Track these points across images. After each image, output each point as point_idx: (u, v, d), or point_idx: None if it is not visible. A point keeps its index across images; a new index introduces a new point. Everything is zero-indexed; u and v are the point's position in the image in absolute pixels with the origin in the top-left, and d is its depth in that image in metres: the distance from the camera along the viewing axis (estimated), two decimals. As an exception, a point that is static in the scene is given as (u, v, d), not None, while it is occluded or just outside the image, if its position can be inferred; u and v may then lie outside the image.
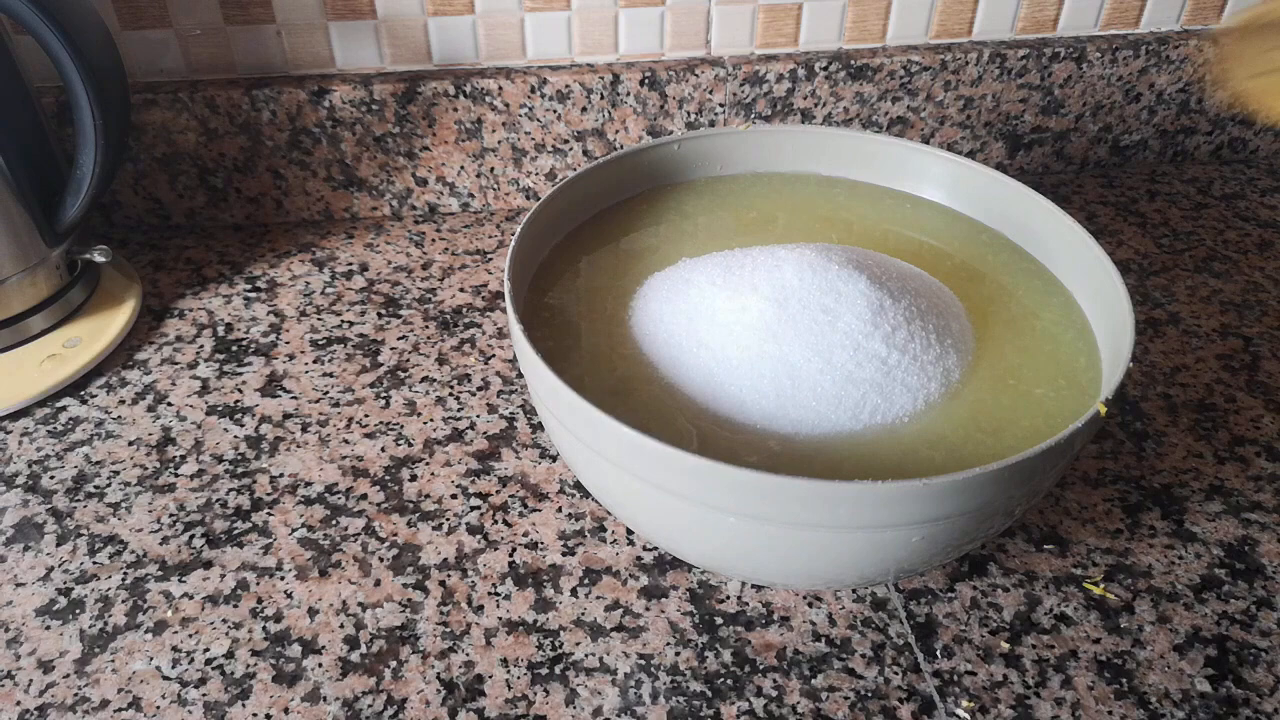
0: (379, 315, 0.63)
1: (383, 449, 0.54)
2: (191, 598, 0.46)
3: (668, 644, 0.44)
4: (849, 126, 0.73)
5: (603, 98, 0.69)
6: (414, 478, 0.52)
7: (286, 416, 0.56)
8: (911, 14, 0.70)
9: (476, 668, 0.43)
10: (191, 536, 0.49)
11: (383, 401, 0.57)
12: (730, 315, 0.44)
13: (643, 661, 0.43)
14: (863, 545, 0.38)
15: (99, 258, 0.61)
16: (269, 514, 0.50)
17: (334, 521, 0.50)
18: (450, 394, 0.57)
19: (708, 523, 0.39)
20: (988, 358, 0.46)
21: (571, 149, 0.71)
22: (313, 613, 0.45)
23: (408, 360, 0.60)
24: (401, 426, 0.55)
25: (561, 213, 0.52)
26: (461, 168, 0.71)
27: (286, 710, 0.42)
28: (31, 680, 0.43)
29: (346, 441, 0.54)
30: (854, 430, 0.42)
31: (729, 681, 0.43)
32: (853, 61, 0.70)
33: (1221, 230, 0.71)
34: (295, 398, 0.57)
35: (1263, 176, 0.77)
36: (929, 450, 0.41)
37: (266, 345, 0.61)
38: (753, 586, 0.46)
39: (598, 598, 0.46)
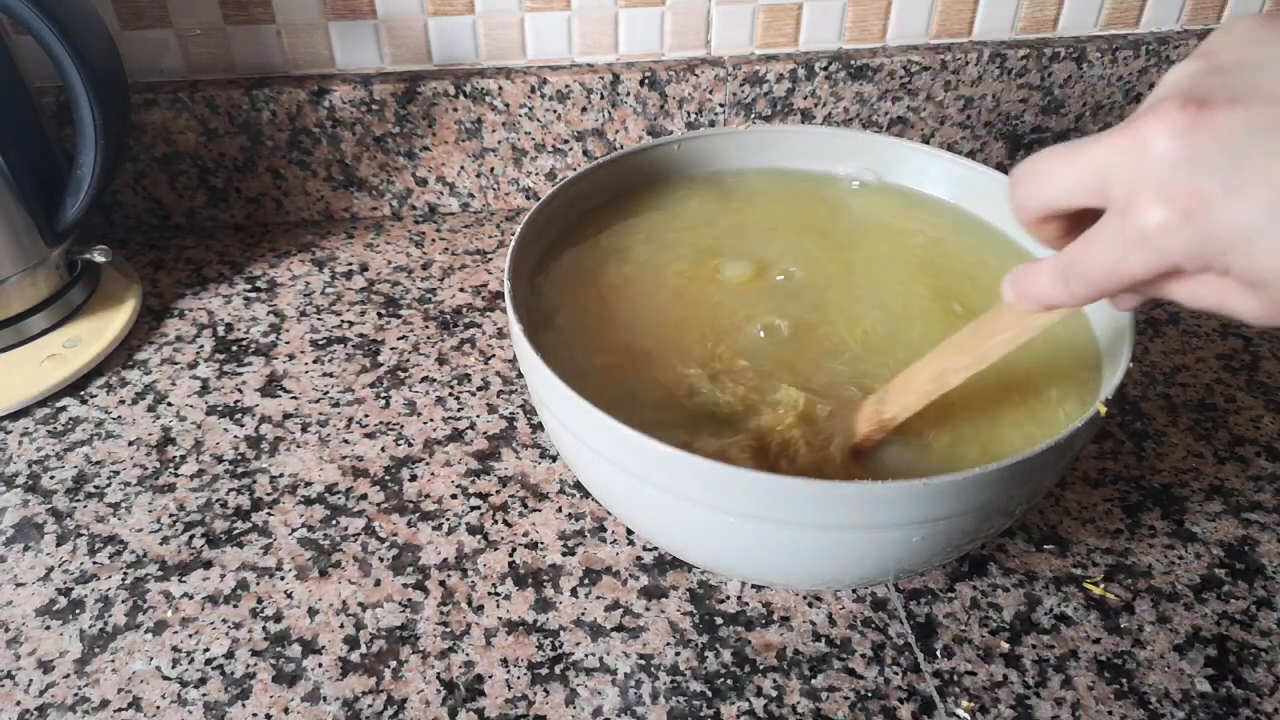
0: (379, 315, 0.63)
1: (383, 449, 0.54)
2: (191, 598, 0.46)
3: (668, 644, 0.44)
4: (849, 126, 0.72)
5: (603, 98, 0.69)
6: (414, 478, 0.52)
7: (286, 416, 0.56)
8: (911, 14, 0.70)
9: (476, 668, 0.43)
10: (191, 536, 0.49)
11: (383, 401, 0.57)
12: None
13: (643, 661, 0.43)
14: (863, 545, 0.38)
15: (99, 258, 0.61)
16: (269, 514, 0.50)
17: (334, 521, 0.50)
18: (450, 394, 0.57)
19: (708, 523, 0.39)
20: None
21: (571, 149, 0.71)
22: (313, 613, 0.45)
23: (408, 360, 0.60)
24: (401, 426, 0.55)
25: (561, 213, 0.52)
26: (461, 168, 0.71)
27: (286, 710, 0.42)
28: (31, 680, 0.43)
29: (346, 441, 0.54)
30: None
31: (729, 681, 0.43)
32: (853, 61, 0.70)
33: (1221, 230, 0.71)
34: (295, 398, 0.57)
35: (1263, 176, 0.77)
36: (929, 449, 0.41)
37: (266, 345, 0.61)
38: (753, 586, 0.46)
39: (598, 598, 0.46)
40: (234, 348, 0.61)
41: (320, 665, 0.43)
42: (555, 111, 0.69)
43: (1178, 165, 0.27)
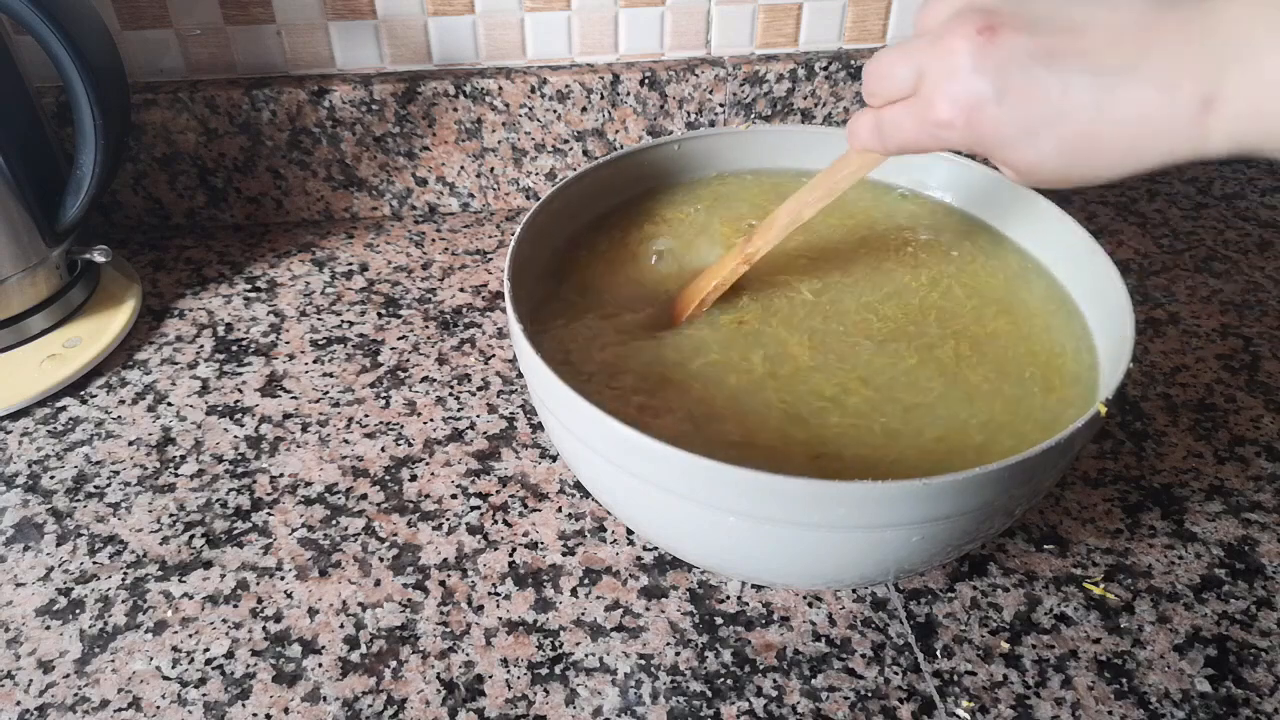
0: (379, 315, 0.63)
1: (383, 449, 0.54)
2: (191, 598, 0.46)
3: (668, 644, 0.44)
4: (849, 126, 0.72)
5: (603, 98, 0.69)
6: (414, 478, 0.52)
7: (286, 416, 0.56)
8: (912, 14, 0.70)
9: (476, 668, 0.43)
10: (191, 536, 0.49)
11: (383, 401, 0.57)
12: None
13: (643, 661, 0.43)
14: (863, 545, 0.38)
15: (99, 258, 0.61)
16: (269, 514, 0.50)
17: (334, 521, 0.50)
18: (450, 394, 0.57)
19: (708, 523, 0.39)
20: (989, 356, 0.46)
21: (571, 149, 0.71)
22: (313, 613, 0.45)
23: (408, 360, 0.60)
24: (401, 426, 0.55)
25: (561, 213, 0.52)
26: (461, 168, 0.71)
27: (286, 710, 0.42)
28: (31, 680, 0.43)
29: (346, 441, 0.54)
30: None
31: (729, 681, 0.43)
32: (853, 61, 0.70)
33: (1221, 230, 0.71)
34: (295, 398, 0.57)
35: (1263, 176, 0.77)
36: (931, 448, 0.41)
37: (266, 345, 0.61)
38: (753, 586, 0.46)
39: (598, 598, 0.46)
40: (234, 348, 0.61)
41: (320, 665, 0.43)
42: (555, 111, 0.69)
43: (967, 78, 0.34)
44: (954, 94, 0.34)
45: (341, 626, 0.45)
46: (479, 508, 0.50)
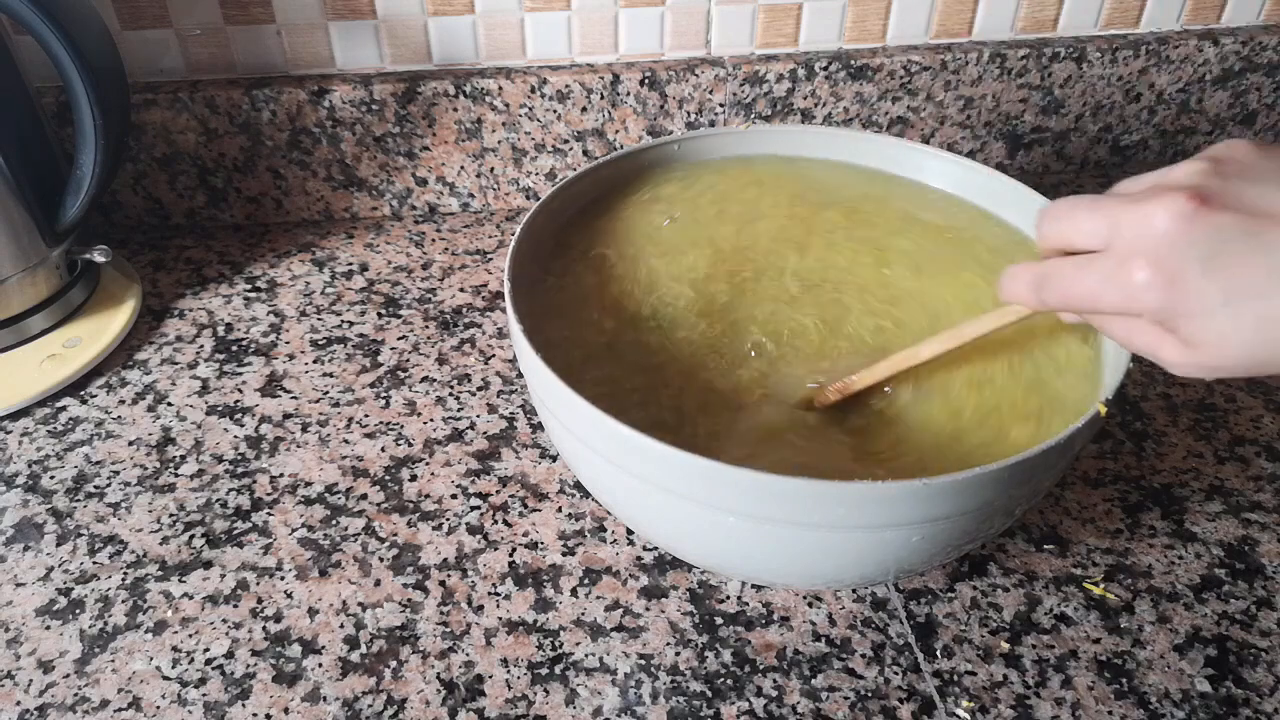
0: (379, 315, 0.63)
1: (383, 449, 0.54)
2: (191, 598, 0.46)
3: (668, 644, 0.44)
4: (849, 126, 0.73)
5: (603, 98, 0.69)
6: (414, 478, 0.52)
7: (286, 416, 0.56)
8: (911, 14, 0.70)
9: (476, 668, 0.43)
10: (191, 536, 0.49)
11: (383, 401, 0.57)
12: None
13: (643, 661, 0.43)
14: (863, 545, 0.38)
15: (99, 258, 0.61)
16: (269, 514, 0.50)
17: (334, 521, 0.50)
18: (450, 394, 0.57)
19: (708, 523, 0.39)
20: (989, 354, 0.46)
21: (571, 149, 0.71)
22: (313, 613, 0.45)
23: (408, 360, 0.60)
24: (401, 426, 0.55)
25: (562, 213, 0.52)
26: (461, 168, 0.71)
27: (286, 710, 0.42)
28: (31, 680, 0.43)
29: (346, 441, 0.54)
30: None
31: (729, 681, 0.43)
32: (853, 61, 0.70)
33: (1221, 230, 0.71)
34: (295, 398, 0.57)
35: (1263, 176, 0.77)
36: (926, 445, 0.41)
37: (266, 345, 0.61)
38: (753, 586, 0.46)
39: (598, 598, 0.46)
40: (234, 348, 0.61)
41: (320, 665, 0.43)
42: (555, 111, 0.69)
43: (1174, 243, 0.33)
44: (1158, 254, 0.33)
45: (341, 626, 0.45)
46: (479, 508, 0.50)
